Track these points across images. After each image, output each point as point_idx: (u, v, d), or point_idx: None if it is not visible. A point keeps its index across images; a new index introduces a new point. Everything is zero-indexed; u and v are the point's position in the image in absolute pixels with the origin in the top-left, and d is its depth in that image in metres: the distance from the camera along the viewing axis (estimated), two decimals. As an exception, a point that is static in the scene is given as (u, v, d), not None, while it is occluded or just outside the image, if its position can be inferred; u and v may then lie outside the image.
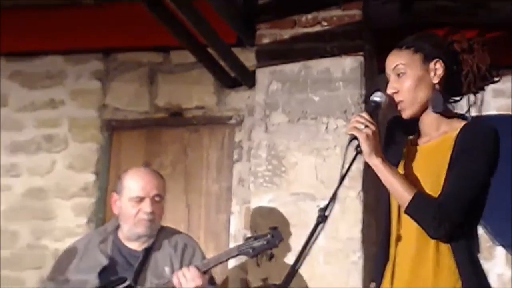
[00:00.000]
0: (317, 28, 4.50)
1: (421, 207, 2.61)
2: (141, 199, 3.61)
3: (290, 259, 4.06)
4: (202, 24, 4.26)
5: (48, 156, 5.16)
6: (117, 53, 5.21)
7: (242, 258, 3.93)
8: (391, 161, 2.71)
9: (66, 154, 5.16)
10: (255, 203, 4.37)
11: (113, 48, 5.19)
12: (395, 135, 2.87)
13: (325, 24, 4.50)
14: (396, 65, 2.76)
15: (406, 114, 2.76)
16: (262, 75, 4.52)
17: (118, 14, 5.05)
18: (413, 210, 2.61)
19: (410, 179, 2.67)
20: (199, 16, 4.21)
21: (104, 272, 3.59)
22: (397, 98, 2.75)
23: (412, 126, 2.82)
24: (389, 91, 2.75)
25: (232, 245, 4.64)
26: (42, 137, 5.20)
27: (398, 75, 2.76)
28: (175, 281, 3.46)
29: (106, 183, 5.13)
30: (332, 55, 4.42)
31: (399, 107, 2.75)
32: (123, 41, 5.10)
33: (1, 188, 5.15)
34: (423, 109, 2.76)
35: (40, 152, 5.17)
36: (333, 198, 2.51)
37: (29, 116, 5.24)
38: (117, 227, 3.73)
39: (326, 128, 4.35)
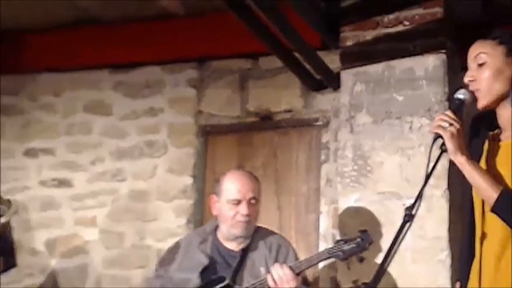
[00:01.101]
0: (399, 28, 4.26)
1: (507, 205, 2.43)
2: (238, 202, 3.52)
3: (379, 258, 3.83)
4: (288, 30, 4.11)
5: (150, 161, 5.10)
6: (210, 61, 5.10)
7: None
8: (474, 158, 2.55)
9: (166, 158, 5.08)
10: (342, 203, 4.18)
11: (206, 56, 5.08)
12: (479, 132, 2.69)
13: (407, 23, 4.25)
14: (478, 54, 2.59)
15: (480, 104, 2.58)
16: (347, 76, 4.32)
17: (210, 24, 4.95)
18: (499, 208, 2.44)
19: (493, 175, 2.51)
20: (286, 22, 4.06)
21: (204, 271, 3.51)
22: (473, 86, 2.57)
23: (495, 123, 2.63)
24: (466, 79, 2.59)
25: (321, 244, 4.52)
26: (144, 143, 5.14)
27: (479, 65, 2.57)
28: (270, 281, 3.34)
29: (203, 185, 5.03)
30: (415, 54, 4.16)
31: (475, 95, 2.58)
32: (215, 50, 5.00)
33: (108, 191, 5.10)
34: (498, 102, 2.57)
35: (143, 157, 5.12)
36: (419, 197, 2.38)
37: (131, 124, 5.18)
38: (216, 227, 3.65)
39: (410, 127, 4.10)
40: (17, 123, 5.34)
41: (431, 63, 4.13)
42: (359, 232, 3.40)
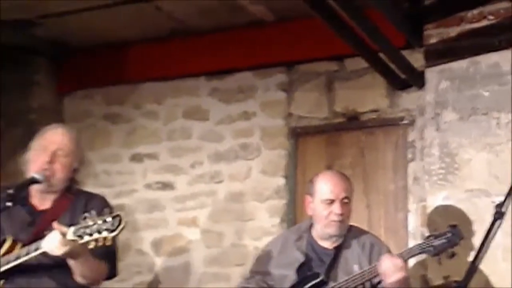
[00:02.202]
0: (484, 23, 3.99)
1: None
2: (331, 201, 3.41)
3: (470, 256, 3.58)
4: (373, 31, 3.92)
5: (245, 163, 4.99)
6: (298, 65, 4.93)
7: (422, 255, 3.48)
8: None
9: (259, 160, 4.97)
10: (430, 201, 3.96)
11: (294, 60, 4.91)
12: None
13: (492, 17, 3.97)
14: None
15: None
16: (431, 74, 4.09)
17: (297, 29, 4.80)
18: None
19: None
20: (370, 23, 3.87)
21: (300, 268, 3.43)
22: None
23: None
24: None
25: (411, 242, 4.27)
26: (239, 146, 5.04)
27: None
28: (383, 269, 3.18)
29: (294, 186, 4.88)
30: (500, 48, 3.89)
31: None
32: (302, 54, 4.84)
33: (207, 193, 5.03)
34: None
35: (238, 160, 5.02)
36: (509, 194, 2.30)
37: (227, 128, 5.09)
38: (311, 226, 3.54)
39: (498, 123, 3.84)
40: (124, 131, 5.35)
41: (517, 57, 3.83)
42: (449, 227, 3.23)
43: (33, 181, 3.17)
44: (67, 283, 3.09)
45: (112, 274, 3.27)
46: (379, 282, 3.26)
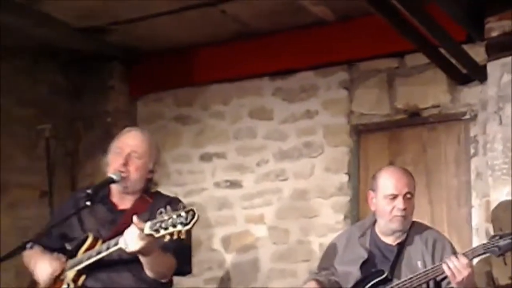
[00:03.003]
0: None
1: None
2: (394, 197, 3.26)
3: None
4: (433, 26, 3.78)
5: (308, 161, 4.86)
6: (358, 63, 4.78)
7: (486, 253, 3.30)
8: None
9: (323, 158, 4.83)
10: (494, 196, 3.75)
11: (355, 58, 4.76)
12: None
13: None
14: None
15: None
16: (493, 68, 3.89)
17: (357, 27, 4.65)
18: None
19: None
20: (430, 18, 3.73)
21: (364, 264, 3.30)
22: None
23: None
24: None
25: (474, 238, 4.10)
26: (302, 145, 4.91)
27: None
28: (447, 271, 3.03)
29: (357, 183, 4.74)
30: None
31: None
32: (363, 51, 4.68)
33: (273, 191, 4.92)
34: None
35: (302, 158, 4.89)
36: None
37: (290, 127, 4.97)
38: (374, 222, 3.40)
39: None
40: (193, 131, 5.30)
41: None
42: (515, 228, 3.05)
43: (110, 181, 3.18)
44: (145, 278, 3.06)
45: (186, 270, 3.23)
46: (443, 279, 3.11)
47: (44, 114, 5.07)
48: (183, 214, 2.79)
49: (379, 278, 3.19)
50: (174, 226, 2.78)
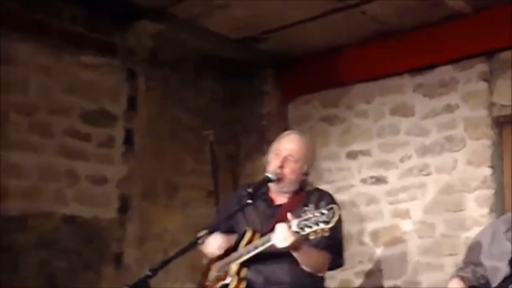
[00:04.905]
0: None
1: None
2: None
3: None
4: None
5: (450, 155, 4.62)
6: (498, 54, 4.45)
7: None
8: None
9: (465, 152, 4.56)
10: None
11: (494, 49, 4.45)
12: None
13: None
14: None
15: None
16: None
17: (494, 17, 4.37)
18: None
19: None
20: None
21: None
22: None
23: None
24: None
25: None
26: (444, 139, 4.67)
27: None
28: None
29: (501, 175, 4.42)
30: None
31: None
32: (502, 42, 4.37)
33: (417, 186, 4.74)
34: None
35: (444, 152, 4.65)
36: None
37: (431, 122, 4.75)
38: None
39: None
40: (339, 130, 5.25)
41: None
42: None
43: (267, 180, 3.25)
44: (301, 270, 3.11)
45: (338, 264, 3.24)
46: None
47: (207, 121, 5.24)
48: (324, 212, 2.80)
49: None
50: (317, 224, 2.80)
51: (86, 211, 4.41)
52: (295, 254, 3.02)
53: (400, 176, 4.86)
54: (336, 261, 3.21)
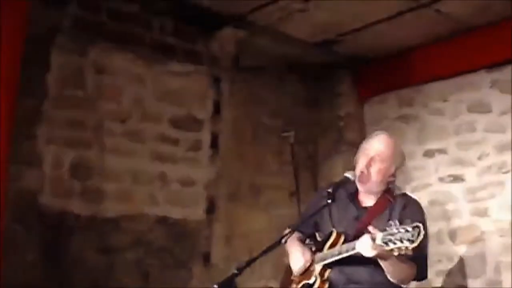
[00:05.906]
0: None
1: None
2: None
3: None
4: None
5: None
6: None
7: None
8: None
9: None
10: None
11: None
12: None
13: None
14: None
15: None
16: None
17: None
18: None
19: None
20: None
21: None
22: None
23: None
24: None
25: None
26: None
27: None
28: None
29: None
30: None
31: None
32: None
33: (496, 183, 4.67)
34: None
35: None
36: None
37: (509, 119, 4.66)
38: None
39: None
40: (415, 129, 5.23)
41: None
42: None
43: (346, 180, 3.26)
44: (381, 277, 3.09)
45: (422, 276, 3.18)
46: None
47: (288, 123, 5.30)
48: (409, 229, 2.75)
49: None
50: (401, 241, 2.75)
51: (176, 212, 4.54)
52: (381, 263, 3.00)
53: (478, 174, 4.79)
54: (421, 273, 3.15)
